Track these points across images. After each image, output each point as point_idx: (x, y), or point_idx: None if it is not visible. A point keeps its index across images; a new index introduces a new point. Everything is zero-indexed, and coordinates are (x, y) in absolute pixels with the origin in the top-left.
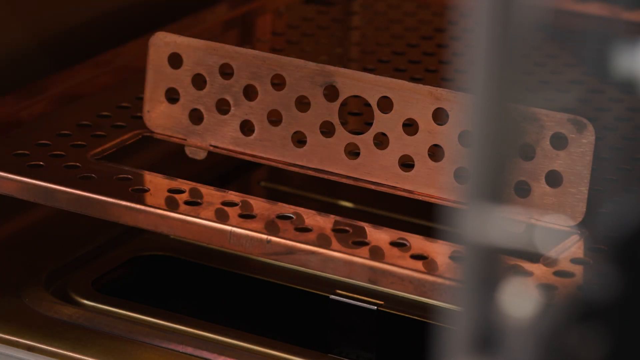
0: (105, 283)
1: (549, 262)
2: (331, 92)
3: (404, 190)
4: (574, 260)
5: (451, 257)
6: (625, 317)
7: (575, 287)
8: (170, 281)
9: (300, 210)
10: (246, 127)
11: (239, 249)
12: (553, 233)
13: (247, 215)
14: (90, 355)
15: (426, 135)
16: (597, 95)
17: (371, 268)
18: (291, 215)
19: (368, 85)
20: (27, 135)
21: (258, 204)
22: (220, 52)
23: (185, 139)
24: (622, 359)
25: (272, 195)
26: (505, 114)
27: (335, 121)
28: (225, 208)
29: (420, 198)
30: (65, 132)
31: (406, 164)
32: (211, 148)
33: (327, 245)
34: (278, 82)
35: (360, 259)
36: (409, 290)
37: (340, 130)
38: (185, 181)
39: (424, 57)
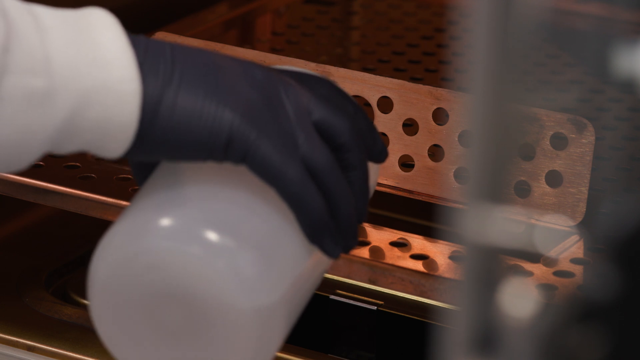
0: None
1: (549, 262)
2: None
3: (404, 190)
4: (574, 260)
5: (451, 257)
6: (625, 317)
7: (575, 287)
8: None
9: None
10: None
11: None
12: (553, 233)
13: None
14: (90, 355)
15: (426, 135)
16: (597, 95)
17: (371, 268)
18: None
19: (368, 85)
20: None
21: None
22: (220, 52)
23: None
24: (622, 359)
25: None
26: (505, 114)
27: None
28: None
29: (420, 198)
30: None
31: (406, 164)
32: None
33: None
34: None
35: (360, 258)
36: (409, 290)
37: None
38: None
39: (424, 57)
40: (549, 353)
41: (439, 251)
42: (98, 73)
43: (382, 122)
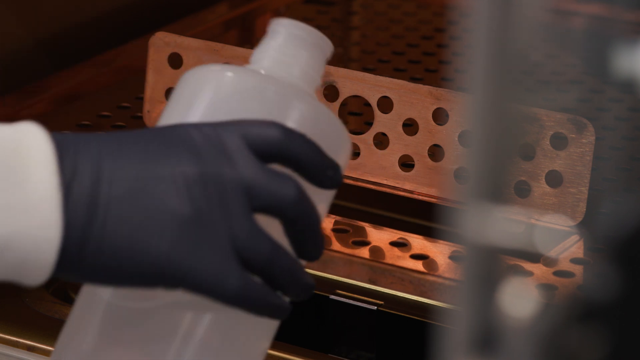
0: None
1: (549, 262)
2: (331, 92)
3: (404, 190)
4: (574, 260)
5: (451, 257)
6: (625, 317)
7: (575, 287)
8: None
9: None
10: None
11: None
12: (553, 233)
13: None
14: None
15: (426, 135)
16: (597, 95)
17: (371, 268)
18: None
19: (368, 85)
20: None
21: None
22: (220, 52)
23: None
24: (622, 359)
25: None
26: (505, 114)
27: None
28: None
29: (420, 198)
30: (66, 132)
31: (406, 164)
32: None
33: (328, 245)
34: None
35: (360, 258)
36: (409, 290)
37: None
38: None
39: (424, 57)
40: (549, 353)
41: (439, 251)
42: (19, 220)
43: (382, 122)
